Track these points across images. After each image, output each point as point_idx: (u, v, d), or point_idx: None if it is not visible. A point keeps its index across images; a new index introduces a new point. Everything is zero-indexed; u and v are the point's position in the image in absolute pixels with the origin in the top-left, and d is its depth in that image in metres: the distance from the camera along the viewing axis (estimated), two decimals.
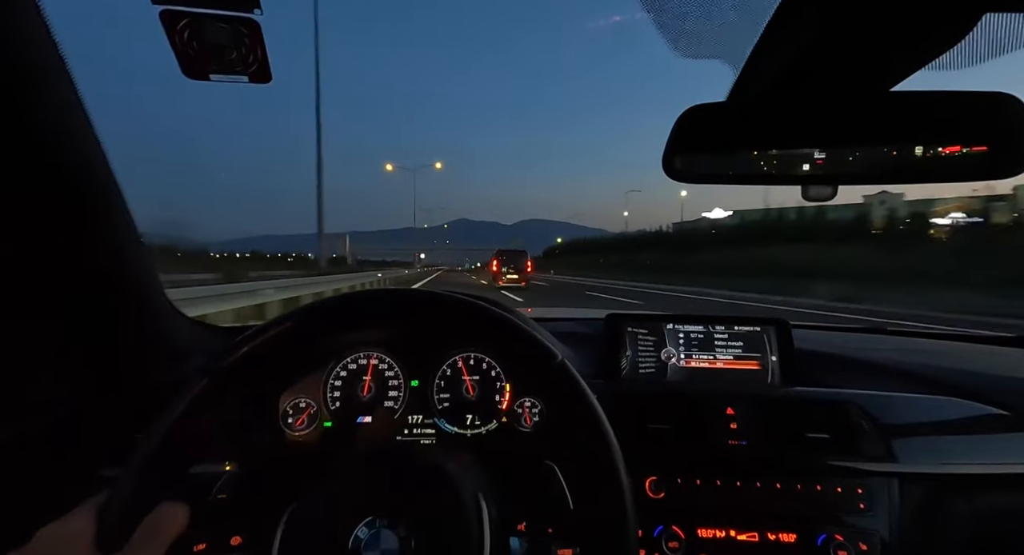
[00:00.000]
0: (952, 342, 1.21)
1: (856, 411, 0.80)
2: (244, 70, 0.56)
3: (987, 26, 0.45)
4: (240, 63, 0.55)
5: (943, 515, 0.75)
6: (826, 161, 0.59)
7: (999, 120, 0.53)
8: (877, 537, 0.72)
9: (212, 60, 0.54)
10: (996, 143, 0.53)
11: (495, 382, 0.82)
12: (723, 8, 0.56)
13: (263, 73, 0.56)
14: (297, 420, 0.77)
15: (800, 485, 0.75)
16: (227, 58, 0.54)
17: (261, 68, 0.56)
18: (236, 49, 0.54)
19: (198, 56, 0.53)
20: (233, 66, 0.55)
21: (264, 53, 0.55)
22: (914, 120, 0.55)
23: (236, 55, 0.54)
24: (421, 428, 0.80)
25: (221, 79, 0.56)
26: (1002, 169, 0.54)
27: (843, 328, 1.33)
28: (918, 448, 0.77)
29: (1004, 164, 0.54)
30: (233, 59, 0.55)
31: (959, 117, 0.54)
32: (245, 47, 0.54)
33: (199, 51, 0.53)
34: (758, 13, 0.53)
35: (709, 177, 0.64)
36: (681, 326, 0.97)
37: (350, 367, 0.81)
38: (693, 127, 0.59)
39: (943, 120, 0.54)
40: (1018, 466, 0.76)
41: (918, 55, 0.50)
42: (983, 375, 0.91)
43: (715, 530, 0.74)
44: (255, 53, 0.54)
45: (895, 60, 0.51)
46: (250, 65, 0.56)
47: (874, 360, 1.00)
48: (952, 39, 0.47)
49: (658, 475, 0.76)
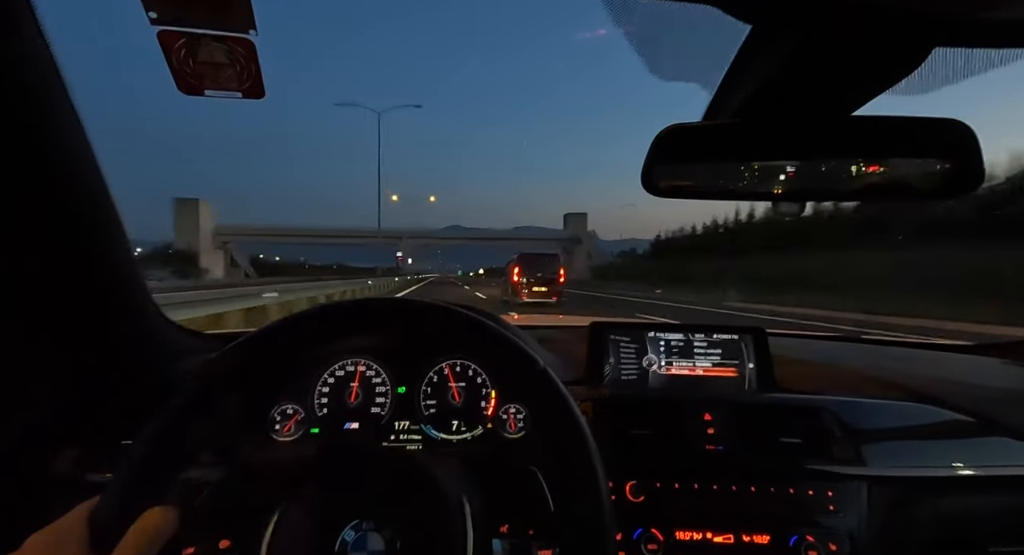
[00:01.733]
0: (920, 350, 1.25)
1: (828, 416, 0.83)
2: (238, 87, 0.58)
3: (938, 59, 0.48)
4: (235, 80, 0.57)
5: (909, 517, 0.78)
6: (793, 179, 0.62)
7: (948, 144, 0.56)
8: (846, 538, 0.75)
9: (208, 77, 0.56)
10: (946, 165, 0.57)
11: (481, 389, 0.83)
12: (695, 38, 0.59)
13: (256, 89, 0.58)
14: (285, 426, 0.79)
15: (774, 488, 0.77)
16: (222, 75, 0.56)
17: (255, 84, 0.58)
18: (232, 67, 0.56)
19: (194, 73, 0.55)
20: (228, 83, 0.58)
21: (258, 70, 0.57)
22: (872, 143, 0.59)
23: (231, 72, 0.57)
24: (408, 434, 0.81)
25: (216, 95, 0.58)
26: (951, 189, 0.58)
27: (817, 336, 1.37)
28: (886, 452, 0.81)
29: (953, 185, 0.58)
30: (228, 76, 0.57)
31: (913, 141, 0.58)
32: (240, 65, 0.56)
33: (195, 69, 0.55)
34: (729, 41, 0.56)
35: (686, 193, 0.67)
36: (662, 334, 1.00)
37: (338, 374, 0.82)
38: (670, 146, 0.63)
39: (898, 144, 0.58)
40: (980, 470, 0.79)
41: (876, 83, 0.54)
42: (948, 382, 0.95)
43: (692, 532, 0.76)
44: (249, 70, 0.56)
45: (856, 87, 0.55)
46: (244, 82, 0.58)
47: (846, 367, 1.04)
48: (907, 69, 0.50)
49: (638, 479, 0.78)
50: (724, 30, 0.56)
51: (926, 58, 0.48)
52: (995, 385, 0.99)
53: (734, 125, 0.62)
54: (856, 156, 0.60)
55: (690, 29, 0.59)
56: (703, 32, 0.59)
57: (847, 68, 0.52)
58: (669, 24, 0.57)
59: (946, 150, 0.57)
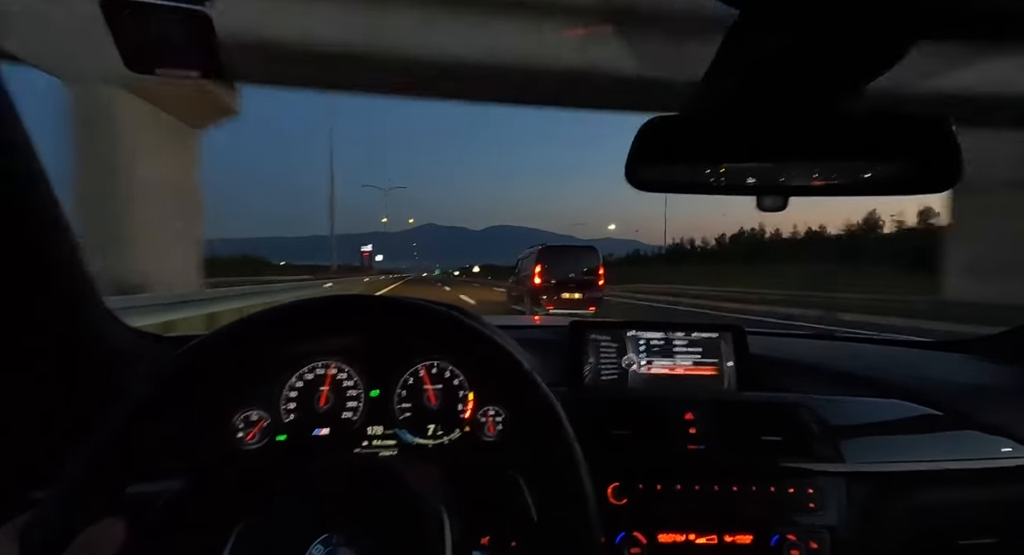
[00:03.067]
0: (892, 347, 1.28)
1: (807, 413, 0.83)
2: (194, 65, 0.54)
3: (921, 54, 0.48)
4: (190, 58, 0.53)
5: (885, 512, 0.79)
6: (777, 173, 0.61)
7: (931, 139, 0.57)
8: (827, 535, 0.75)
9: (159, 54, 0.51)
10: (928, 160, 0.57)
11: (458, 391, 0.80)
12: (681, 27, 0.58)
13: (215, 68, 0.54)
14: (248, 434, 0.74)
15: (755, 487, 0.77)
16: (175, 52, 0.52)
17: (213, 63, 0.54)
18: (186, 43, 0.51)
19: (143, 49, 0.51)
20: (183, 61, 0.53)
21: (216, 47, 0.52)
22: (857, 137, 0.59)
23: (185, 49, 0.52)
24: (381, 439, 0.77)
25: (169, 74, 0.53)
26: (933, 184, 0.58)
27: (793, 334, 1.39)
28: (863, 448, 0.81)
29: (935, 180, 0.58)
30: (182, 53, 0.52)
31: (896, 135, 0.58)
32: (196, 41, 0.51)
33: (144, 44, 0.50)
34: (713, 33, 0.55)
35: (669, 186, 0.66)
36: (642, 333, 0.99)
37: (306, 377, 0.78)
38: (653, 138, 0.61)
39: (882, 138, 0.58)
40: (950, 463, 0.81)
41: (861, 76, 0.53)
42: (920, 378, 0.97)
43: (675, 535, 0.75)
44: (205, 48, 0.52)
45: (840, 80, 0.55)
46: (201, 60, 0.53)
47: (822, 364, 1.05)
48: (891, 62, 0.50)
49: (620, 481, 0.76)
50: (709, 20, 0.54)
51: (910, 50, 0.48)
52: (960, 380, 1.02)
53: (718, 117, 0.61)
54: (839, 150, 0.60)
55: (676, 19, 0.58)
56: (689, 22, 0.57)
57: (832, 60, 0.52)
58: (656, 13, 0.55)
59: (926, 145, 0.57)
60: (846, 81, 0.55)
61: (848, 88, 0.55)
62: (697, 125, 0.63)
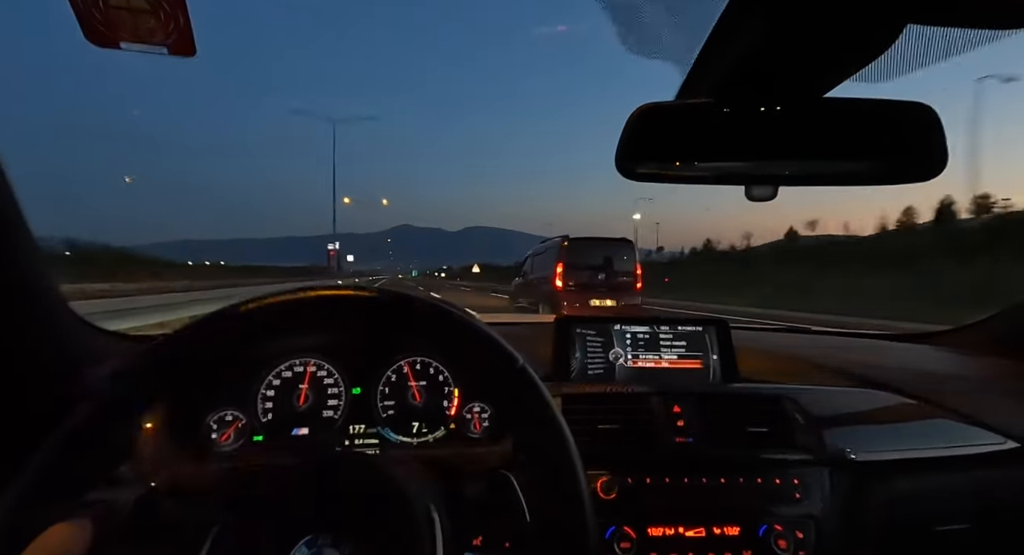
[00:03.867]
0: (868, 339, 1.32)
1: (790, 405, 0.84)
2: (163, 40, 0.50)
3: (909, 39, 0.48)
4: (159, 32, 0.49)
5: (866, 500, 0.80)
6: (767, 163, 0.61)
7: (915, 128, 0.57)
8: (811, 524, 0.76)
9: (123, 26, 0.47)
10: (912, 149, 0.58)
11: (443, 387, 0.78)
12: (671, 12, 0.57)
13: (185, 44, 0.50)
14: (223, 435, 0.70)
15: (742, 478, 0.77)
16: (142, 25, 0.48)
17: (183, 38, 0.50)
18: (154, 15, 0.47)
19: (105, 21, 0.47)
20: (150, 35, 0.49)
21: (187, 22, 0.48)
22: (843, 125, 0.59)
23: (154, 23, 0.48)
24: (363, 438, 0.75)
25: (134, 48, 0.49)
26: (917, 173, 0.59)
27: (773, 328, 1.42)
28: (844, 438, 0.83)
29: (919, 169, 0.59)
30: (150, 27, 0.48)
31: (881, 124, 0.59)
32: (164, 14, 0.47)
33: (106, 15, 0.46)
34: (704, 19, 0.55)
35: (658, 176, 0.65)
36: (628, 327, 0.99)
37: (284, 375, 0.75)
38: (644, 126, 0.60)
39: (867, 126, 0.59)
40: (925, 451, 0.83)
41: (848, 63, 0.54)
42: (893, 369, 1.00)
43: (664, 528, 0.74)
44: (176, 21, 0.48)
45: (827, 67, 0.55)
46: (170, 34, 0.49)
47: (801, 357, 1.07)
48: (878, 49, 0.50)
49: (609, 475, 0.76)
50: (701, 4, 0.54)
51: (898, 37, 0.48)
52: (933, 370, 1.05)
53: (707, 105, 0.61)
54: (828, 139, 0.60)
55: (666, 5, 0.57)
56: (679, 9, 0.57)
57: (820, 46, 0.52)
58: None
59: (912, 134, 0.58)
60: (833, 70, 0.55)
61: (835, 77, 0.56)
62: (687, 113, 0.62)
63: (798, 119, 0.59)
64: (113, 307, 5.06)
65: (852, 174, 0.61)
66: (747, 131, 0.60)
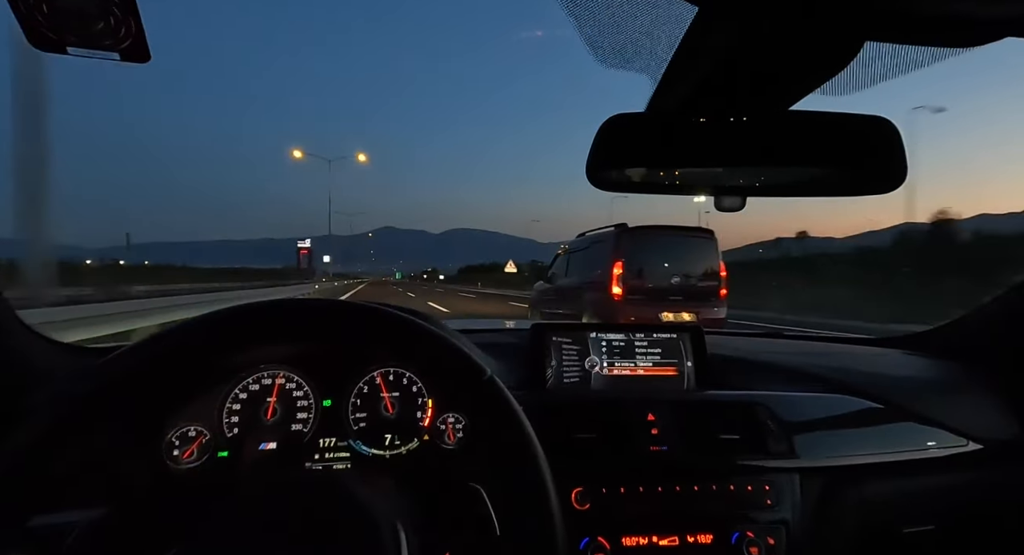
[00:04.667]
0: (836, 344, 1.35)
1: (762, 411, 0.85)
2: (114, 46, 0.48)
3: (868, 56, 0.49)
4: (108, 36, 0.47)
5: (836, 505, 0.81)
6: (734, 174, 0.62)
7: (875, 142, 0.59)
8: (783, 530, 0.77)
9: (69, 30, 0.45)
10: (872, 162, 0.60)
11: (416, 398, 0.77)
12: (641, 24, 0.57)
13: (139, 50, 0.48)
14: (185, 452, 0.68)
15: (715, 485, 0.77)
16: (90, 29, 0.46)
17: (136, 44, 0.48)
18: (102, 19, 0.45)
19: (49, 24, 0.44)
20: (99, 40, 0.47)
21: (139, 26, 0.46)
22: (807, 137, 0.60)
23: (103, 26, 0.46)
24: (334, 452, 0.73)
25: (82, 54, 0.47)
26: (878, 185, 0.60)
27: (745, 333, 1.44)
28: (814, 443, 0.84)
29: (880, 181, 0.60)
30: (99, 31, 0.46)
31: (843, 137, 0.60)
32: (114, 18, 0.45)
33: (50, 18, 0.44)
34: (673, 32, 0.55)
35: (629, 186, 0.65)
36: (604, 334, 0.99)
37: (252, 388, 0.72)
38: (613, 136, 0.60)
39: (830, 139, 0.60)
40: (891, 455, 0.85)
41: (811, 77, 0.54)
42: (862, 373, 1.02)
43: (639, 537, 0.74)
44: (127, 26, 0.46)
45: (791, 81, 0.56)
46: (122, 40, 0.47)
47: (773, 362, 1.08)
48: (839, 64, 0.51)
49: (583, 485, 0.75)
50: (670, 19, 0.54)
51: (858, 52, 0.49)
52: (899, 374, 1.08)
53: (675, 116, 0.62)
54: (790, 151, 0.61)
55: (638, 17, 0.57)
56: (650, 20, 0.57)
57: (784, 61, 0.53)
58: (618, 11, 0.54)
59: (872, 147, 0.59)
60: (797, 83, 0.56)
61: (800, 90, 0.57)
62: (657, 124, 0.62)
63: (764, 131, 0.60)
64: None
65: (816, 185, 0.62)
66: (714, 142, 0.61)
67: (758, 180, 0.64)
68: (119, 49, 0.48)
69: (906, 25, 0.44)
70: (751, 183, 0.64)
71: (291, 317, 0.57)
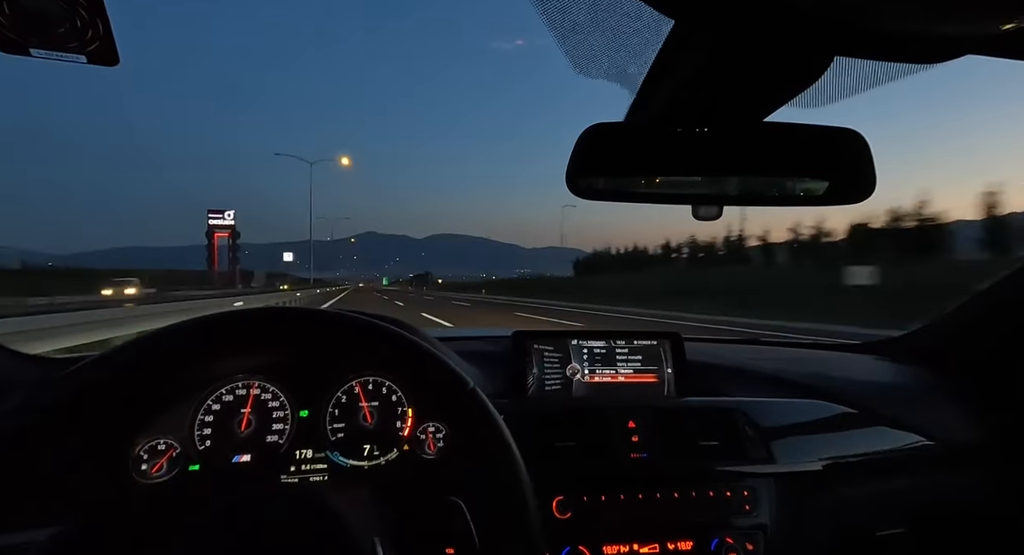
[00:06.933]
0: (811, 350, 1.38)
1: (740, 417, 0.86)
2: (81, 48, 0.46)
3: (838, 71, 0.51)
4: (74, 38, 0.45)
5: (811, 508, 0.82)
6: (710, 184, 0.63)
7: (846, 153, 0.60)
8: (761, 536, 0.78)
9: (33, 31, 0.44)
10: (843, 173, 0.61)
11: (396, 407, 0.76)
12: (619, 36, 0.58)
13: (107, 53, 0.47)
14: (154, 466, 0.65)
15: (695, 492, 0.78)
16: (55, 31, 0.44)
17: (104, 46, 0.46)
18: (68, 21, 0.44)
19: (11, 25, 0.43)
20: (64, 42, 0.45)
21: (107, 28, 0.45)
22: (781, 148, 0.62)
23: (69, 29, 0.45)
24: (311, 464, 0.71)
25: (47, 56, 0.46)
26: (849, 196, 0.62)
27: (724, 340, 1.46)
28: (790, 448, 0.85)
29: (850, 192, 0.62)
30: (64, 33, 0.45)
31: (815, 148, 0.62)
32: (81, 20, 0.44)
33: (12, 19, 0.42)
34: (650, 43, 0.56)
35: (607, 194, 0.66)
36: (585, 342, 0.99)
37: (225, 399, 0.70)
38: (592, 146, 0.61)
39: (802, 150, 0.61)
40: (864, 458, 0.87)
41: (784, 90, 0.56)
42: (836, 379, 1.04)
43: (619, 546, 0.74)
44: (95, 28, 0.45)
45: (765, 93, 0.57)
46: (89, 42, 0.46)
47: (750, 368, 1.10)
48: (811, 77, 0.52)
49: (564, 494, 0.75)
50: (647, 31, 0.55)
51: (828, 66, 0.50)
52: (871, 379, 1.10)
53: (652, 127, 0.62)
54: (764, 161, 0.62)
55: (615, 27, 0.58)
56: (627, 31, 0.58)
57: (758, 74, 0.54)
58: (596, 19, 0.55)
59: (843, 158, 0.61)
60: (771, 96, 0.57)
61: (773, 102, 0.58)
62: (635, 134, 0.63)
63: (739, 142, 0.61)
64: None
65: (789, 195, 0.64)
66: (691, 152, 0.62)
67: (734, 190, 0.65)
68: (86, 51, 0.47)
69: (872, 42, 0.46)
70: (727, 192, 0.65)
71: (269, 326, 0.56)
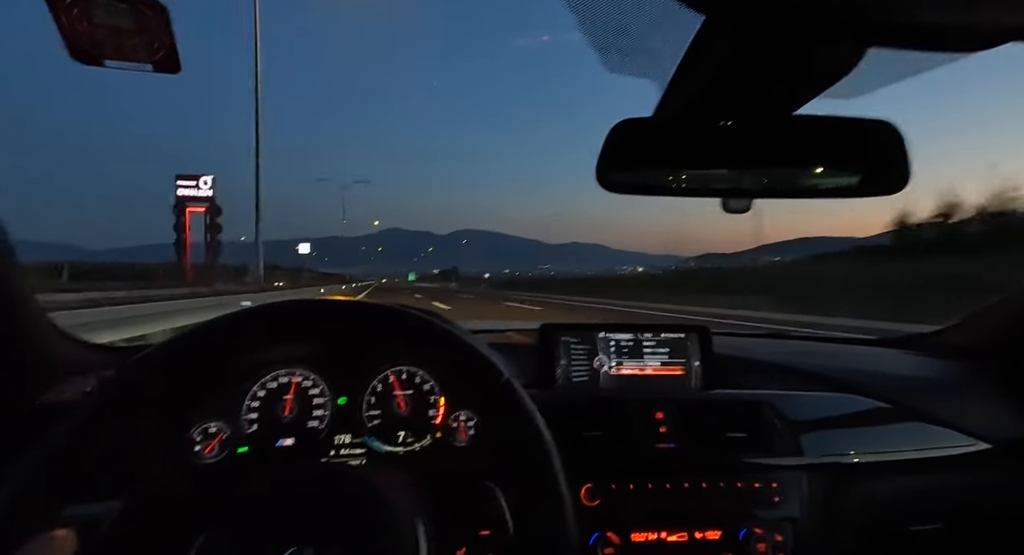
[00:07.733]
0: (842, 345, 1.35)
1: (768, 410, 0.86)
2: (148, 58, 0.50)
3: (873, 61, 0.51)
4: (143, 50, 0.49)
5: (841, 502, 0.82)
6: (741, 177, 0.64)
7: (878, 144, 0.60)
8: (790, 527, 0.78)
9: (107, 44, 0.48)
10: (877, 165, 0.61)
11: (428, 396, 0.79)
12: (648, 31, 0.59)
13: (170, 62, 0.51)
14: (207, 447, 0.70)
15: (723, 483, 0.79)
16: (127, 43, 0.48)
17: (168, 56, 0.50)
18: (139, 34, 0.48)
19: (89, 37, 0.47)
20: (134, 53, 0.49)
21: (172, 40, 0.49)
22: (812, 141, 0.62)
23: (138, 41, 0.49)
24: (349, 448, 0.75)
25: (119, 66, 0.50)
26: (882, 187, 0.61)
27: (751, 334, 1.45)
28: (820, 441, 0.85)
29: (884, 183, 0.61)
30: (134, 44, 0.49)
31: (847, 140, 0.61)
32: (149, 32, 0.48)
33: (91, 32, 0.46)
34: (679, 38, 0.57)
35: (638, 188, 0.67)
36: (612, 335, 1.00)
37: (269, 386, 0.75)
38: (622, 141, 0.62)
39: (834, 142, 0.61)
40: (898, 454, 0.86)
41: (815, 82, 0.56)
42: (868, 373, 1.03)
43: (647, 533, 0.76)
44: (161, 39, 0.49)
45: (796, 86, 0.57)
46: (155, 53, 0.50)
47: (779, 362, 1.09)
48: (844, 69, 0.52)
49: (593, 482, 0.77)
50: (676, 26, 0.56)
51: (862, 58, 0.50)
52: (905, 374, 1.08)
53: (682, 121, 0.63)
54: (794, 154, 0.62)
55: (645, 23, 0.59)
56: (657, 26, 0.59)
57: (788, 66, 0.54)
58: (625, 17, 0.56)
59: (876, 150, 0.60)
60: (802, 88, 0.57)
61: (804, 95, 0.58)
62: (664, 129, 0.64)
63: (769, 135, 0.61)
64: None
65: (821, 188, 0.64)
66: (720, 146, 0.62)
67: (764, 182, 0.65)
68: (152, 61, 0.51)
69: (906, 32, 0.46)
70: (757, 185, 0.66)
71: (314, 317, 0.59)
